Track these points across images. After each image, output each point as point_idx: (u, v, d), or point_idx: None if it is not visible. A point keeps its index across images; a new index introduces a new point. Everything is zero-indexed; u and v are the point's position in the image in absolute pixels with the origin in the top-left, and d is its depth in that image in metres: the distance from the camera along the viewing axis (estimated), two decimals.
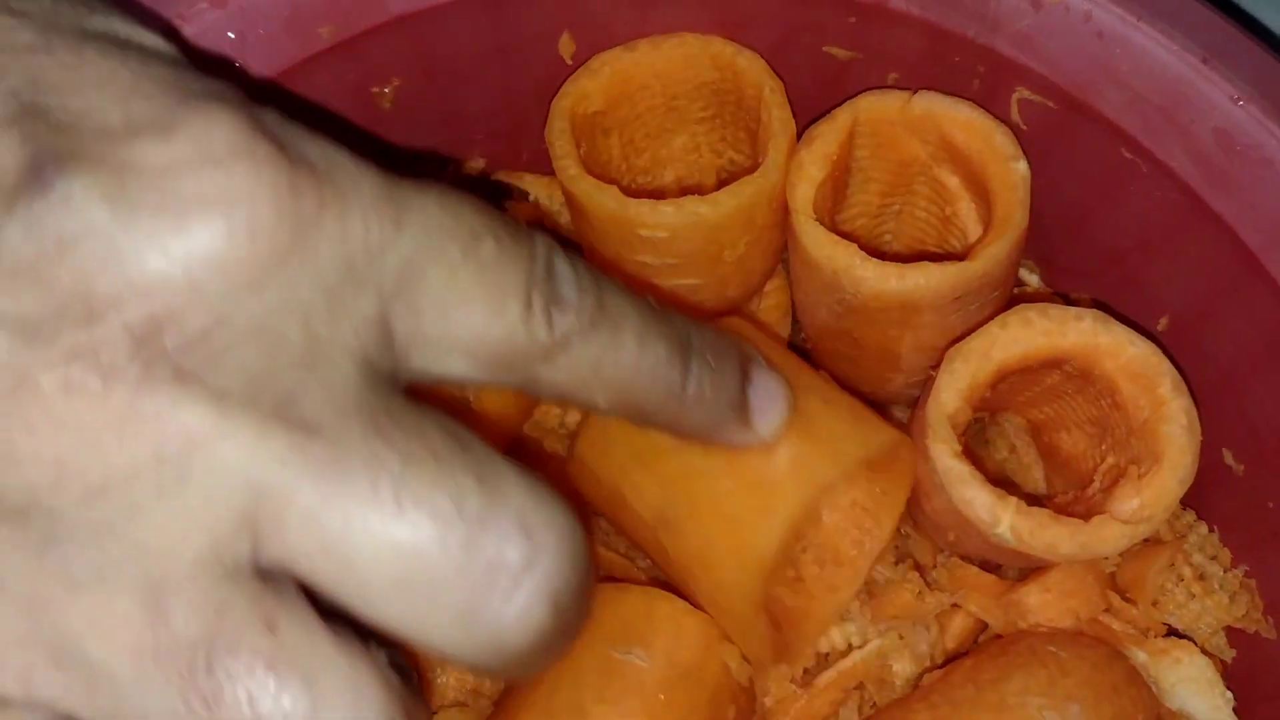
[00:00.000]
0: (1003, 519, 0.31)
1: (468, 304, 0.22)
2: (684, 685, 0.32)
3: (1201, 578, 0.36)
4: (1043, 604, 0.36)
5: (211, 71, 0.22)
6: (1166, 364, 0.32)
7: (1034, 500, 0.33)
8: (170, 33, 0.31)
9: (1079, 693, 0.32)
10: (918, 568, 0.38)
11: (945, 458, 0.32)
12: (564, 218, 0.42)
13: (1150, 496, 0.31)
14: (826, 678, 0.34)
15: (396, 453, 0.20)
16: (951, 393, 0.32)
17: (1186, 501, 0.38)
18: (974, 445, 0.40)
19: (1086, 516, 0.32)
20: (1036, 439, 0.39)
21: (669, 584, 0.35)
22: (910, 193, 0.39)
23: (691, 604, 0.34)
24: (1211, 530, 0.37)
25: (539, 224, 0.41)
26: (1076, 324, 0.32)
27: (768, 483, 0.31)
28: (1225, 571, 0.36)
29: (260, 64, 0.33)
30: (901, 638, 0.35)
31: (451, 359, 0.22)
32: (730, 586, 0.32)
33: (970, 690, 0.32)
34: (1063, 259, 0.39)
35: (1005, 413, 0.39)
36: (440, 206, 0.22)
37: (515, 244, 0.23)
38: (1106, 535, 0.31)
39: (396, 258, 0.21)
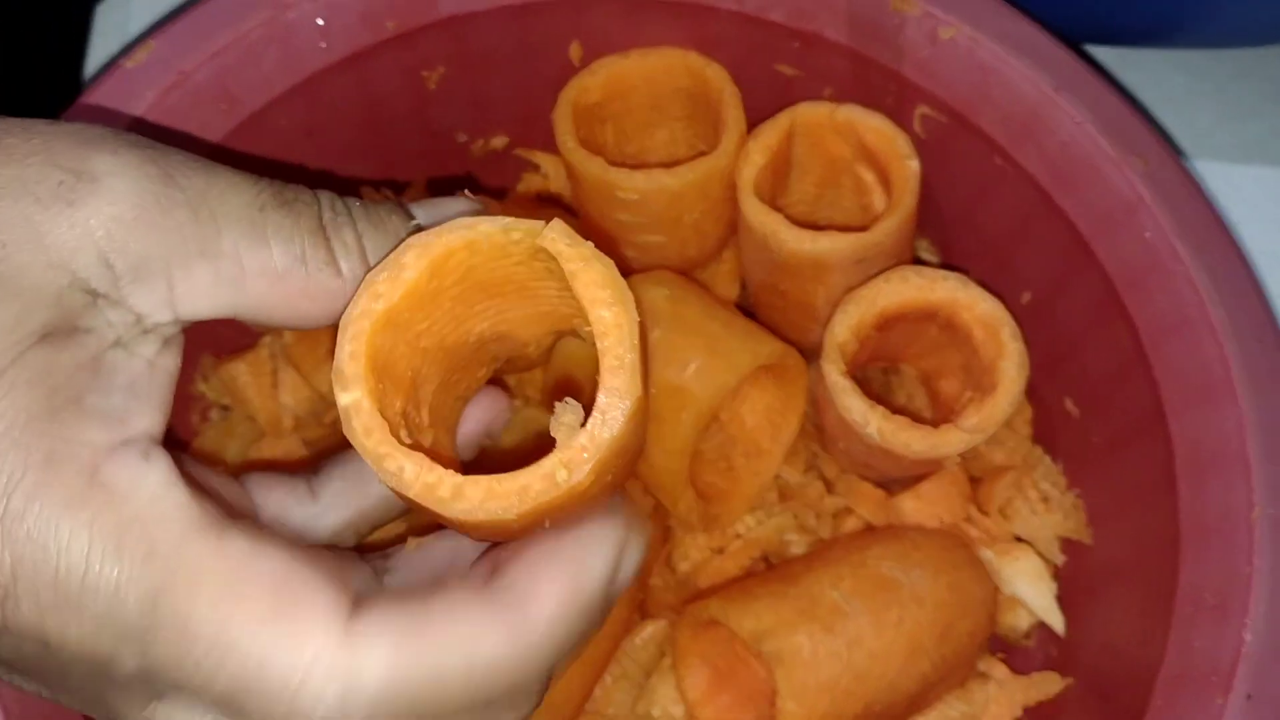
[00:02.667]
0: (872, 421, 0.41)
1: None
2: None
3: (1044, 499, 0.46)
4: (915, 509, 0.45)
5: None
6: (1007, 316, 0.42)
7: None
8: None
9: (925, 561, 0.41)
10: (823, 479, 0.48)
11: (833, 374, 0.42)
12: (569, 188, 0.52)
13: (986, 414, 0.41)
14: (735, 546, 0.44)
15: None
16: (843, 326, 0.42)
17: (1038, 439, 0.47)
18: (879, 394, 0.50)
19: None
20: (926, 387, 0.49)
21: None
22: (838, 186, 0.49)
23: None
24: (1056, 462, 0.46)
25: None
26: (943, 282, 0.42)
27: (681, 388, 0.41)
28: (1062, 494, 0.46)
29: (341, 44, 0.44)
30: (796, 517, 0.45)
31: None
32: (660, 469, 0.42)
33: (840, 552, 0.42)
34: (955, 244, 0.49)
35: (902, 363, 0.49)
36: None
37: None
38: (949, 439, 0.41)
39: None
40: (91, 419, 0.24)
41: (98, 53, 0.58)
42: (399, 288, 0.27)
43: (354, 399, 0.26)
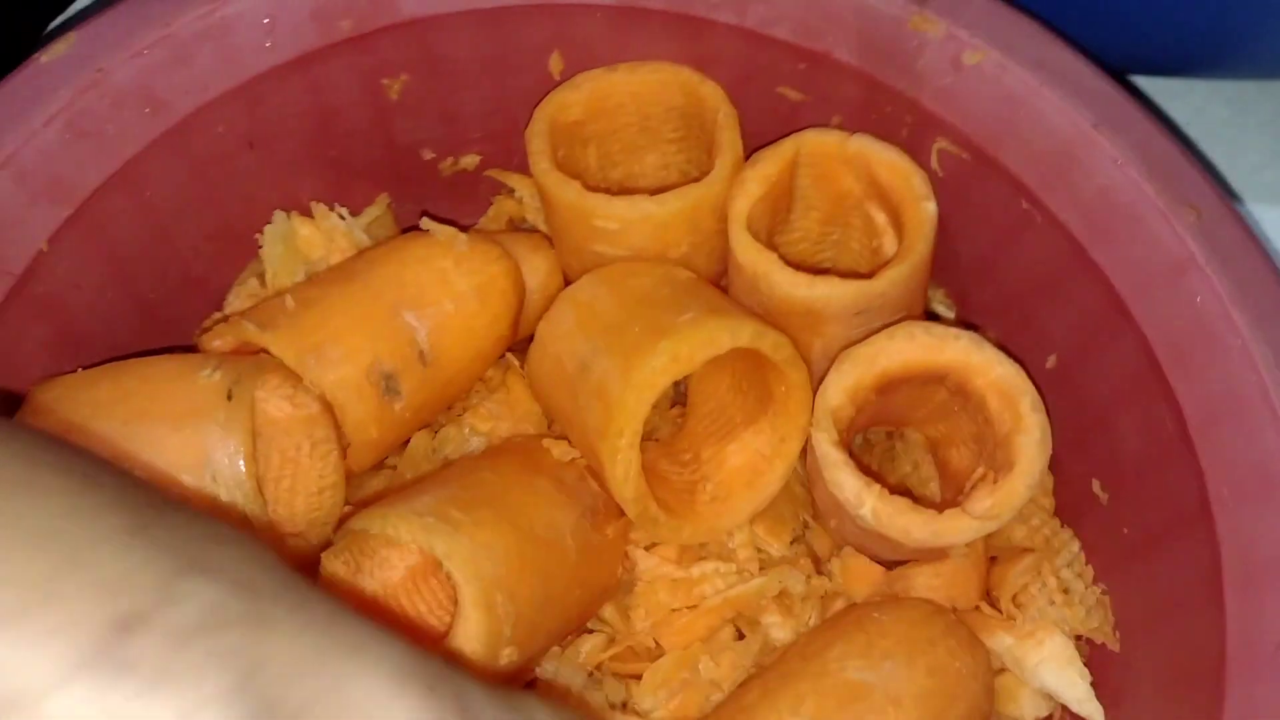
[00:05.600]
0: (866, 501, 0.35)
1: None
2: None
3: (1065, 590, 0.40)
4: (930, 587, 0.39)
5: None
6: (1028, 384, 0.36)
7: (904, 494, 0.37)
8: None
9: (894, 650, 0.35)
10: (812, 555, 0.42)
11: (824, 444, 0.36)
12: (543, 215, 0.47)
13: (1001, 498, 0.35)
14: (711, 603, 0.38)
15: None
16: (837, 389, 0.37)
17: (1065, 520, 0.41)
18: (881, 461, 0.44)
19: None
20: (934, 455, 0.43)
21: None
22: (846, 225, 0.44)
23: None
24: (1081, 551, 0.41)
25: None
26: (954, 342, 0.37)
27: (667, 328, 0.36)
28: (1086, 587, 0.40)
29: (289, 44, 0.39)
30: (780, 600, 0.39)
31: None
32: (616, 406, 0.36)
33: (797, 663, 0.36)
34: (973, 298, 0.44)
35: (907, 429, 0.43)
36: None
37: None
38: (956, 526, 0.35)
39: None
40: None
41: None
42: None
43: None
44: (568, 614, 0.38)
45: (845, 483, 0.35)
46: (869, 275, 0.40)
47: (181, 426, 0.34)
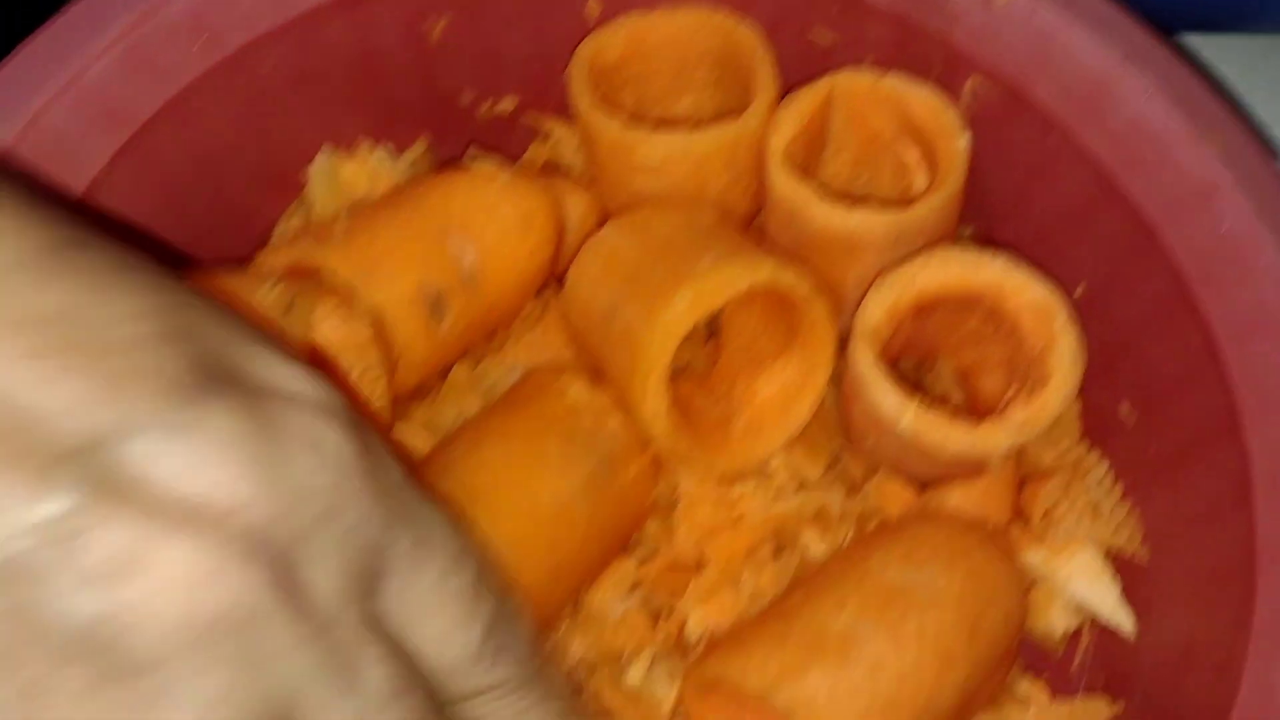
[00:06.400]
0: (905, 414, 0.36)
1: (436, 616, 0.25)
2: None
3: (1094, 507, 0.41)
4: (962, 505, 0.40)
5: None
6: (1060, 302, 0.37)
7: None
8: None
9: (933, 556, 0.37)
10: (848, 480, 0.43)
11: (863, 361, 0.37)
12: (579, 159, 0.48)
13: (1035, 409, 0.36)
14: (752, 520, 0.39)
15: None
16: (876, 308, 0.38)
17: (1093, 443, 0.43)
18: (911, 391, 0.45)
19: None
20: (964, 385, 0.44)
21: None
22: (876, 165, 0.45)
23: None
24: (1110, 470, 0.42)
25: None
26: (989, 264, 0.38)
27: (689, 271, 0.37)
28: (1115, 505, 0.41)
29: None
30: (817, 517, 0.40)
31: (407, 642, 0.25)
32: (642, 349, 0.37)
33: (837, 570, 0.37)
34: (1002, 232, 0.45)
35: (938, 360, 0.45)
36: (441, 528, 0.26)
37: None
38: (992, 435, 0.36)
39: (405, 543, 0.25)
40: None
41: None
42: None
43: None
44: (585, 570, 0.39)
45: (885, 397, 0.37)
46: None
47: None
